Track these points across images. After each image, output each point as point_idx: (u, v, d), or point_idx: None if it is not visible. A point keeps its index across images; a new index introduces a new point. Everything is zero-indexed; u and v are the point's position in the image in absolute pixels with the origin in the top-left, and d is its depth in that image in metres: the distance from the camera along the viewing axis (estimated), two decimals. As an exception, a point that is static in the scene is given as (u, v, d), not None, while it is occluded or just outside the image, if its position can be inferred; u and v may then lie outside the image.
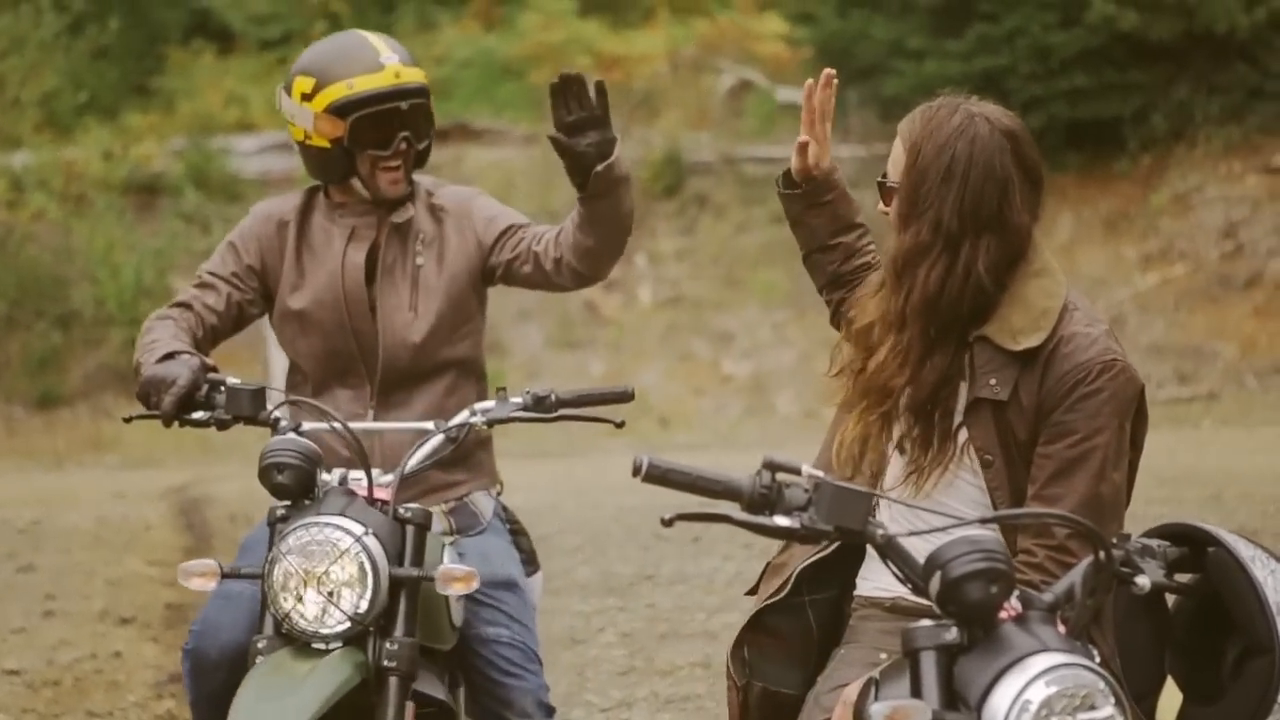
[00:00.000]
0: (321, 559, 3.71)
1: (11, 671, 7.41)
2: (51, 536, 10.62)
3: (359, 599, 3.72)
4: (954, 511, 3.26)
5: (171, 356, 4.05)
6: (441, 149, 21.82)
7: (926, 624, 2.84)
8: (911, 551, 2.90)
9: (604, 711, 6.90)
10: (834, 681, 3.40)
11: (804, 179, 3.77)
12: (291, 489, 3.80)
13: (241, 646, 3.93)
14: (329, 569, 3.71)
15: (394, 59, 4.32)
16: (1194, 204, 18.62)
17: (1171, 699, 3.22)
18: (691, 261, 19.73)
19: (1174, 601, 3.22)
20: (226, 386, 3.98)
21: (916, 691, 2.83)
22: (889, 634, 3.39)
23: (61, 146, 19.99)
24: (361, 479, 3.86)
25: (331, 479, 3.86)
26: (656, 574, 9.25)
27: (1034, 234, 3.41)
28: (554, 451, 15.16)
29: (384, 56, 4.32)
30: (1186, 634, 3.19)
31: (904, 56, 18.88)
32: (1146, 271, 18.34)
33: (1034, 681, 2.74)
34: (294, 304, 4.36)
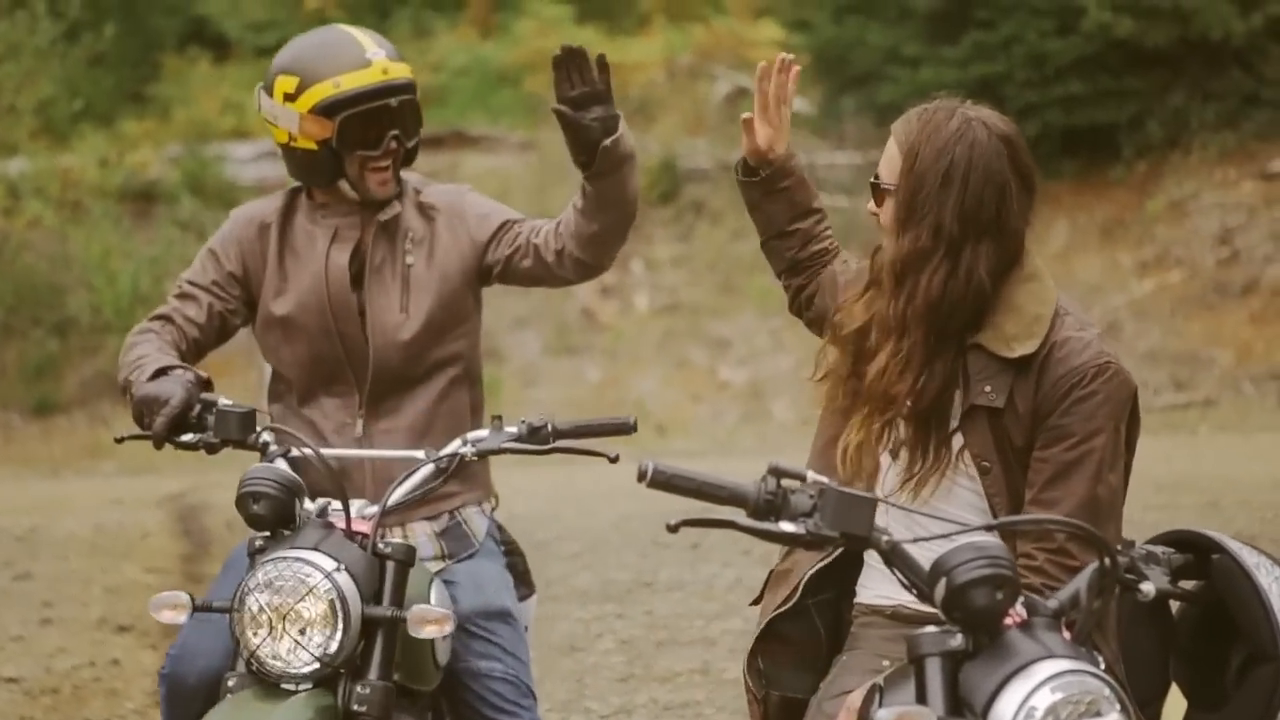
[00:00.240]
0: (290, 595, 3.53)
1: (10, 679, 7.40)
2: (49, 544, 10.60)
3: (328, 639, 3.53)
4: (955, 518, 3.26)
5: (164, 373, 3.87)
6: (438, 156, 21.90)
7: (932, 630, 2.85)
8: (916, 558, 2.90)
9: (603, 718, 6.89)
10: (837, 689, 3.40)
11: (760, 163, 3.75)
12: (268, 519, 3.60)
13: (220, 673, 3.73)
14: (298, 606, 3.53)
15: (380, 54, 4.12)
16: (1190, 211, 18.64)
17: (1176, 706, 3.22)
18: (688, 268, 19.73)
19: (1178, 608, 3.22)
20: (218, 408, 3.81)
21: (921, 698, 2.83)
22: (890, 641, 3.39)
23: (57, 154, 20.00)
24: (342, 509, 3.68)
25: (312, 509, 3.68)
26: (655, 581, 9.24)
27: (1025, 239, 3.43)
28: (552, 458, 15.14)
29: (370, 52, 4.12)
30: (1191, 641, 3.19)
31: (900, 63, 18.89)
32: (1142, 278, 18.36)
33: (1039, 688, 2.75)
34: (277, 310, 4.17)
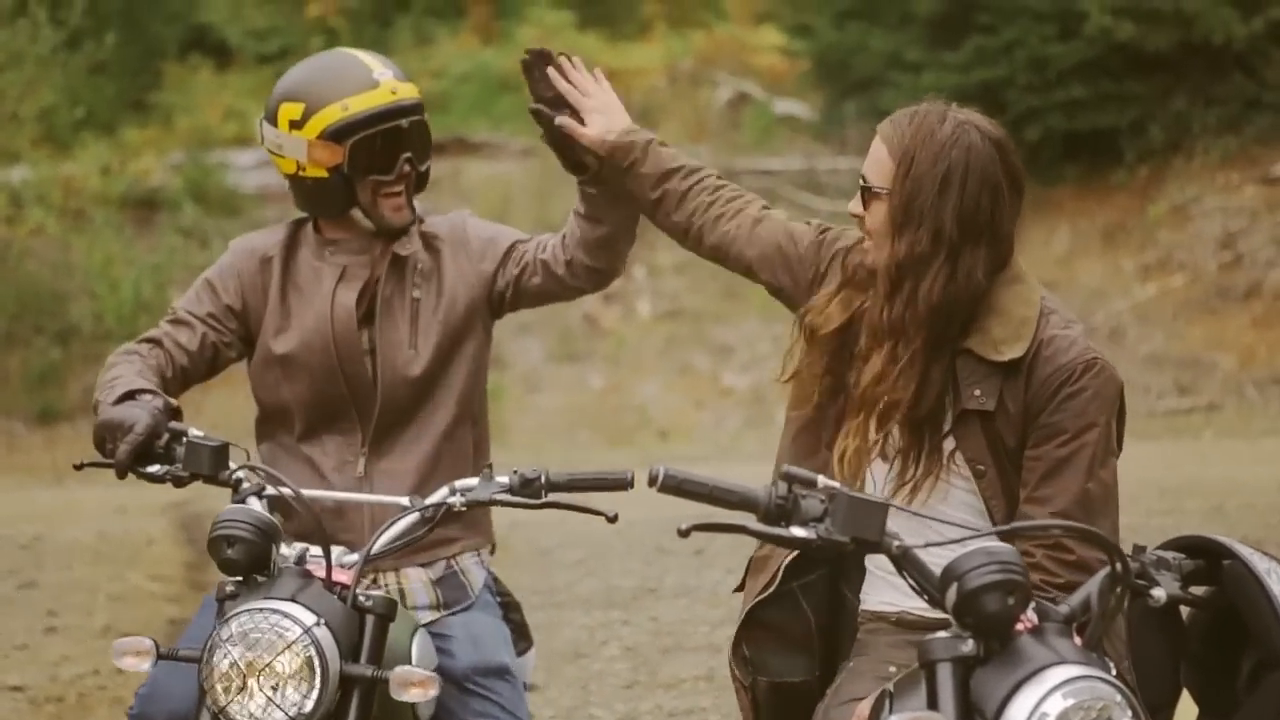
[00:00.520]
0: (265, 649, 3.31)
1: (14, 688, 7.39)
2: (53, 552, 10.59)
3: (304, 698, 3.31)
4: (959, 522, 3.26)
5: (132, 397, 3.68)
6: (439, 163, 21.75)
7: (943, 636, 2.85)
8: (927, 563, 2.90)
9: (609, 725, 6.90)
10: (844, 695, 3.40)
11: (604, 150, 3.77)
12: (241, 565, 3.39)
13: (191, 716, 3.49)
14: (273, 661, 3.31)
15: (388, 74, 3.98)
16: (1192, 215, 18.62)
17: (1187, 712, 3.22)
18: (691, 274, 19.71)
19: (1189, 614, 3.22)
20: (188, 439, 3.61)
21: (933, 703, 2.83)
22: (896, 647, 3.40)
23: (59, 162, 19.98)
24: (322, 556, 3.45)
25: (290, 554, 3.46)
26: (660, 587, 9.23)
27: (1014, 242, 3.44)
28: (554, 464, 15.14)
29: (377, 72, 3.97)
30: (1202, 647, 3.19)
31: (901, 68, 18.88)
32: (1145, 282, 18.34)
33: (1051, 694, 2.75)
34: (277, 348, 4.01)
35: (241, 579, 3.42)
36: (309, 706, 3.32)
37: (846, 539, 2.84)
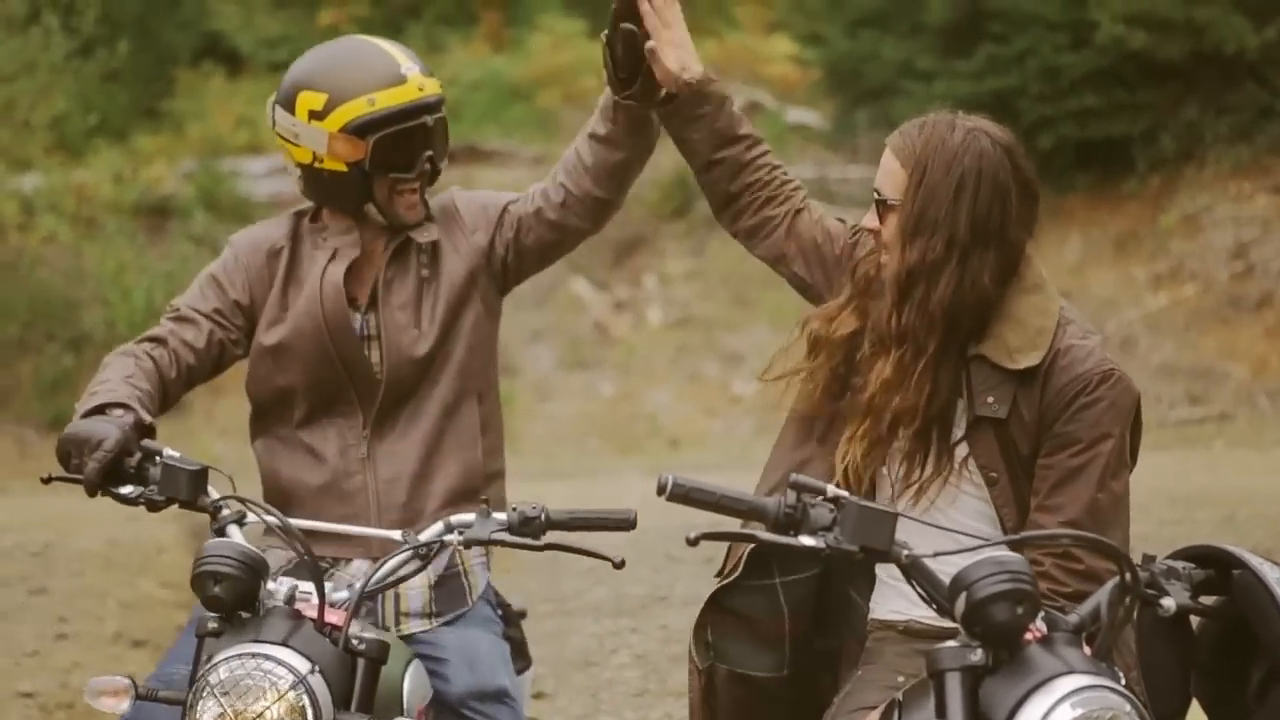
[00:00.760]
0: (256, 697, 3.14)
1: (25, 694, 7.40)
2: (64, 559, 10.61)
3: None
4: (965, 529, 3.26)
5: (102, 411, 3.52)
6: (450, 170, 21.78)
7: (951, 645, 2.84)
8: (936, 572, 2.90)
9: (619, 733, 6.90)
10: (852, 704, 3.40)
11: (678, 89, 3.65)
12: (228, 602, 3.21)
13: None
14: (265, 712, 3.14)
15: (414, 69, 3.83)
16: (1204, 224, 18.61)
17: (1197, 722, 3.22)
18: (701, 282, 19.73)
19: (1198, 624, 3.21)
20: (162, 460, 3.42)
21: (941, 713, 2.83)
22: (905, 657, 3.39)
23: (72, 169, 20.02)
24: (312, 593, 3.27)
25: (277, 589, 3.28)
26: (670, 595, 9.23)
27: (1027, 250, 3.42)
28: (566, 472, 15.15)
29: (404, 66, 3.82)
30: (1211, 657, 3.18)
31: (913, 77, 18.88)
32: (1156, 292, 18.33)
33: (1060, 703, 2.74)
34: (268, 339, 3.87)
35: (224, 614, 3.26)
36: None
37: (855, 548, 2.84)
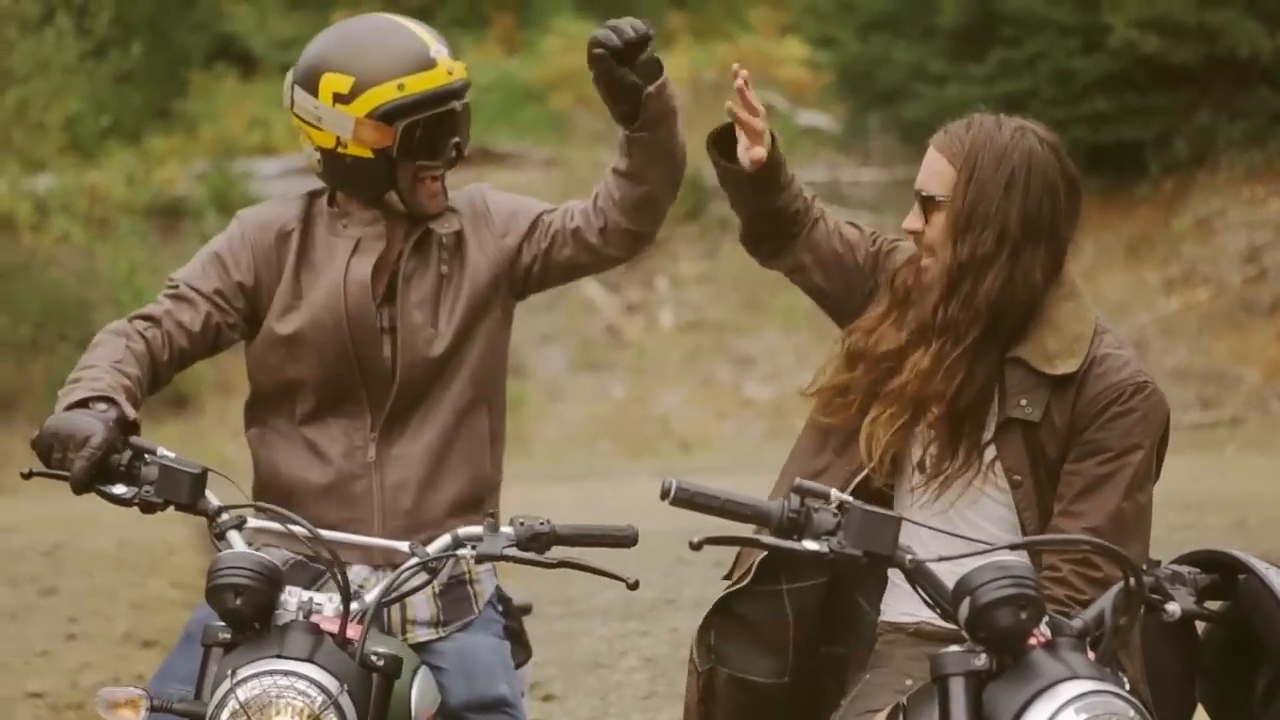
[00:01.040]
0: (285, 714, 3.06)
1: (35, 694, 7.41)
2: (74, 559, 10.62)
3: None
4: (982, 533, 3.26)
5: (85, 405, 3.37)
6: (463, 172, 21.84)
7: (955, 650, 2.84)
8: (940, 577, 2.90)
9: (627, 736, 6.89)
10: (860, 707, 3.40)
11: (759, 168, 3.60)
12: (247, 615, 3.14)
13: None
14: None
15: (443, 51, 3.67)
16: (1216, 228, 18.58)
17: (1201, 727, 3.22)
18: (713, 285, 19.73)
19: (1204, 629, 3.21)
20: (157, 459, 3.32)
21: (945, 718, 2.83)
22: (914, 660, 3.39)
23: (85, 170, 20.06)
24: (326, 603, 3.21)
25: (288, 600, 3.20)
26: (679, 598, 9.22)
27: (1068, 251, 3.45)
28: (576, 475, 15.15)
29: (433, 49, 3.65)
30: (1216, 661, 3.18)
31: (926, 81, 18.87)
32: (1169, 296, 18.30)
33: (1064, 708, 2.75)
34: (282, 328, 3.71)
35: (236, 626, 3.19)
36: None
37: (859, 552, 2.84)
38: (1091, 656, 2.86)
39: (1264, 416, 16.70)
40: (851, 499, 2.88)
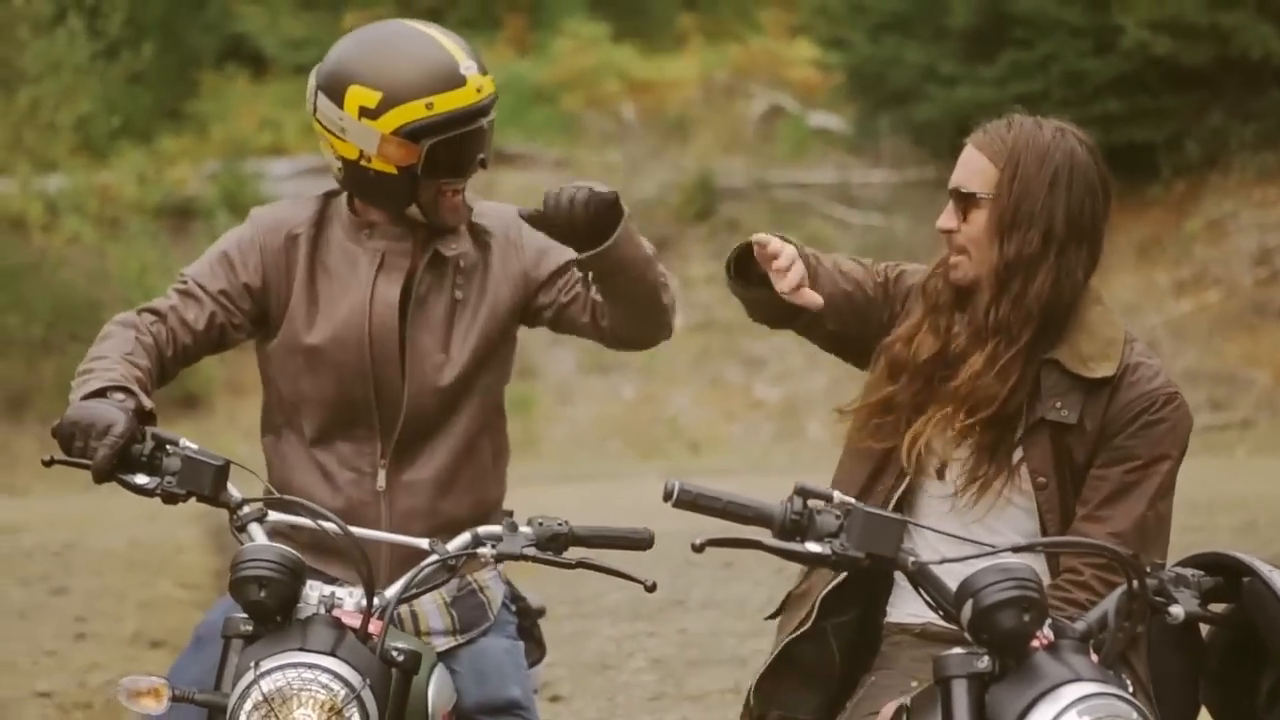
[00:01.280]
0: (308, 706, 3.06)
1: (43, 694, 7.43)
2: (84, 559, 10.64)
3: None
4: (998, 536, 3.26)
5: (103, 395, 3.35)
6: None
7: (958, 652, 2.84)
8: (943, 578, 2.90)
9: (634, 737, 6.90)
10: (865, 709, 3.39)
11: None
12: (271, 608, 3.14)
13: None
14: None
15: (473, 67, 3.58)
16: (1228, 230, 18.56)
17: (1206, 729, 3.21)
18: (722, 286, 19.53)
19: (1208, 631, 3.21)
20: (180, 450, 3.31)
21: (948, 720, 2.83)
22: (920, 661, 3.38)
23: (96, 170, 20.09)
24: (347, 597, 3.21)
25: (309, 593, 3.19)
26: (687, 599, 9.22)
27: None
28: (584, 475, 15.16)
29: (463, 65, 3.57)
30: (1221, 664, 3.18)
31: (937, 82, 18.86)
32: (1180, 298, 18.29)
33: (1066, 711, 2.74)
34: (308, 339, 3.65)
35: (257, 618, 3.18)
36: None
37: (862, 554, 2.84)
38: (1095, 659, 2.85)
39: (1275, 418, 16.68)
40: (854, 501, 2.88)
